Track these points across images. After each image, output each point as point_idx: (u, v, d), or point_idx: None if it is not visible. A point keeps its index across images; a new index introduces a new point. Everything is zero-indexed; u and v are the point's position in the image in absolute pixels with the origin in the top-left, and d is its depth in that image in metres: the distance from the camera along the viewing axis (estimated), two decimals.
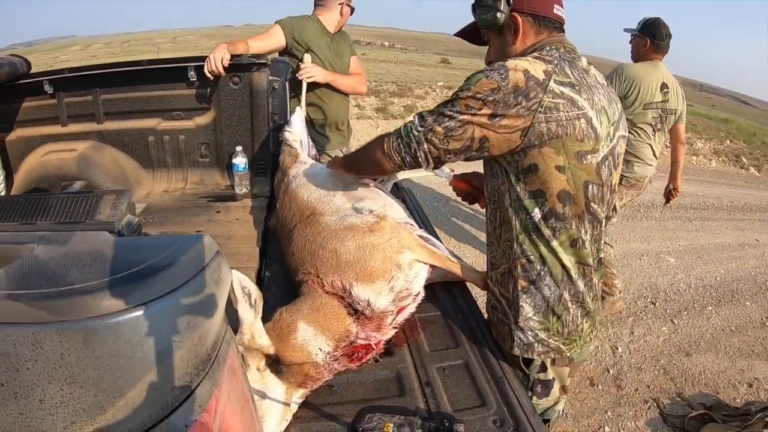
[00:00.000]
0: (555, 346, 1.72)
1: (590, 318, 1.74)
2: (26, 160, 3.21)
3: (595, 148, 1.52)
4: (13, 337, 0.66)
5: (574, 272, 1.65)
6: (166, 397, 0.76)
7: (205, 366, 0.82)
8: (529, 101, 1.44)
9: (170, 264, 0.77)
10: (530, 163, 1.52)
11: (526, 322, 1.69)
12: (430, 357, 1.75)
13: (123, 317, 0.69)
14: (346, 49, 3.70)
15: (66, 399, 0.69)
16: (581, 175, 1.54)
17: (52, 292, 0.70)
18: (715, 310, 4.84)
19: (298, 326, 1.60)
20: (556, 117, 1.46)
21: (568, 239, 1.61)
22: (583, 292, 1.68)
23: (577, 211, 1.58)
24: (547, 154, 1.49)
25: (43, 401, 0.68)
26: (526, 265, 1.66)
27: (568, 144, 1.48)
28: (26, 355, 0.66)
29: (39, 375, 0.67)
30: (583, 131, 1.49)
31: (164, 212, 2.87)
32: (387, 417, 1.45)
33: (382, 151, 1.68)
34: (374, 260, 1.75)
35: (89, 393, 0.69)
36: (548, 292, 1.66)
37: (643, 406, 3.50)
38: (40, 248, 0.84)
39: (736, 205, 8.37)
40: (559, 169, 1.51)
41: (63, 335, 0.67)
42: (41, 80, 3.06)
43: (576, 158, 1.51)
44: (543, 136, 1.47)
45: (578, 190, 1.55)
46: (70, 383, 0.68)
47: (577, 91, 1.50)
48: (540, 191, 1.55)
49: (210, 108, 3.26)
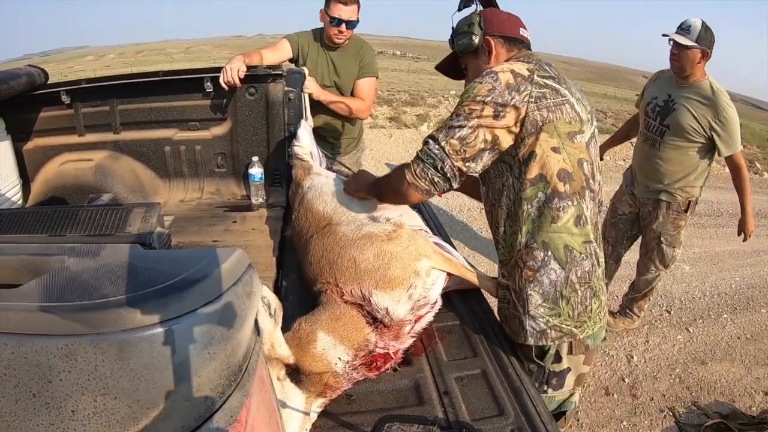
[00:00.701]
0: (567, 330, 1.77)
1: (597, 298, 1.80)
2: (43, 169, 3.25)
3: (581, 129, 1.71)
4: (45, 349, 0.67)
5: (578, 252, 1.73)
6: (198, 408, 0.77)
7: (236, 377, 0.83)
8: (521, 94, 1.62)
9: (204, 277, 0.77)
10: (529, 152, 1.66)
11: (537, 309, 1.75)
12: (448, 366, 1.76)
13: (158, 330, 0.70)
14: (352, 67, 3.51)
15: (99, 410, 0.70)
16: (575, 153, 1.69)
17: (86, 304, 0.71)
18: (730, 317, 4.79)
19: (317, 336, 1.62)
20: (545, 104, 1.64)
21: (572, 217, 1.71)
22: (589, 272, 1.76)
23: (577, 187, 1.70)
24: (543, 138, 1.64)
25: (75, 412, 0.69)
26: (529, 254, 1.74)
27: (559, 126, 1.65)
28: (59, 367, 0.67)
29: (72, 386, 0.68)
30: (569, 114, 1.67)
31: (181, 222, 2.88)
32: (406, 426, 1.45)
33: (406, 182, 1.74)
34: (393, 268, 1.76)
35: (123, 404, 0.70)
36: (554, 276, 1.72)
37: (659, 416, 3.47)
38: (71, 260, 0.85)
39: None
40: (555, 150, 1.66)
41: (97, 347, 0.68)
42: (58, 90, 3.09)
43: (568, 138, 1.67)
44: (537, 124, 1.63)
45: (575, 167, 1.69)
46: (103, 394, 0.69)
47: (557, 82, 1.70)
48: (540, 175, 1.68)
49: (226, 118, 3.28)
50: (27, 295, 0.74)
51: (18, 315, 0.69)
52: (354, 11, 3.27)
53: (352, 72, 3.51)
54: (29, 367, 0.67)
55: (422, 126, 11.22)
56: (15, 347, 0.67)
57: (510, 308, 1.85)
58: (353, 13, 3.27)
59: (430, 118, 12.21)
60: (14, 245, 0.95)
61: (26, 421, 0.69)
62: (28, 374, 0.67)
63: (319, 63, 3.45)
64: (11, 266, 0.88)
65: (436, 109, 13.13)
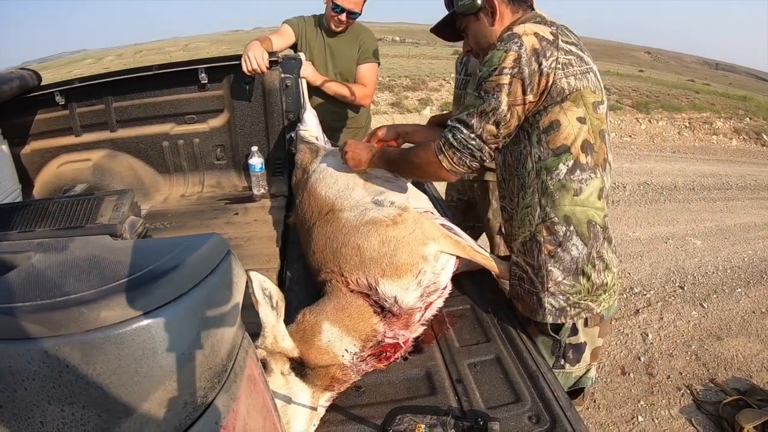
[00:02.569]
0: (585, 306, 1.72)
1: (610, 270, 1.76)
2: (42, 172, 3.22)
3: (603, 99, 1.65)
4: (7, 354, 0.62)
5: (600, 226, 1.70)
6: (178, 415, 0.71)
7: (220, 378, 0.77)
8: (548, 60, 1.53)
9: (175, 267, 0.71)
10: (552, 120, 1.59)
11: (557, 286, 1.70)
12: (461, 353, 1.70)
13: (124, 329, 0.64)
14: (351, 52, 3.43)
15: (68, 421, 0.64)
16: (598, 124, 1.63)
17: (45, 304, 0.65)
18: (744, 291, 4.75)
19: (322, 327, 1.56)
20: (572, 71, 1.56)
21: (596, 190, 1.66)
22: (605, 246, 1.72)
23: (599, 159, 1.65)
24: (568, 108, 1.58)
25: (44, 423, 0.64)
26: (550, 228, 1.68)
27: (586, 95, 1.59)
28: (23, 374, 0.62)
29: (38, 395, 0.63)
30: (594, 83, 1.61)
31: (182, 216, 2.85)
32: (418, 417, 1.40)
33: (444, 170, 1.68)
34: (400, 255, 1.70)
35: (92, 414, 0.65)
36: (576, 252, 1.68)
37: (677, 394, 3.43)
38: (37, 257, 0.79)
39: (759, 184, 8.25)
40: (580, 120, 1.59)
41: (59, 351, 0.62)
42: (52, 92, 3.05)
43: (593, 108, 1.61)
44: (564, 92, 1.56)
45: (596, 138, 1.63)
46: (71, 403, 0.64)
47: (580, 49, 1.62)
48: (564, 146, 1.61)
49: (223, 110, 3.24)
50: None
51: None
52: (358, 3, 3.20)
53: (351, 57, 3.43)
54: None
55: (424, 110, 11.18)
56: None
57: (525, 285, 1.78)
58: (356, 5, 3.21)
59: (432, 102, 12.16)
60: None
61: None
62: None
63: (317, 49, 3.38)
64: None
65: (437, 93, 13.09)
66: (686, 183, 7.81)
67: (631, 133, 10.69)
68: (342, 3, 3.14)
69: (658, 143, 11.11)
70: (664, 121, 12.44)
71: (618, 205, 6.84)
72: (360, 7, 3.24)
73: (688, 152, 5.05)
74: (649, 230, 5.94)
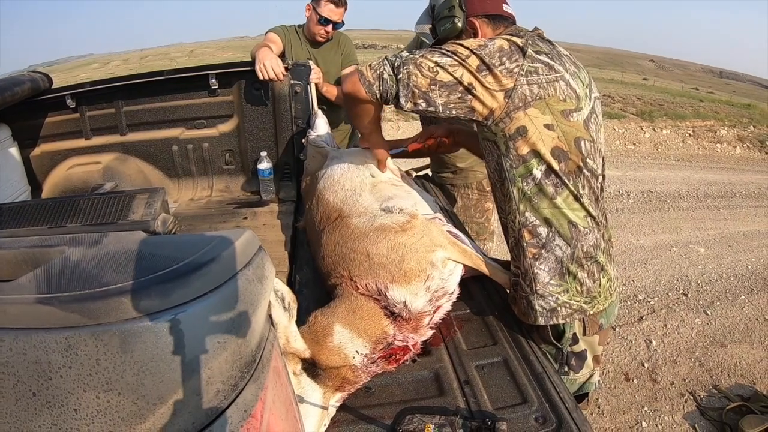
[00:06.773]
0: (578, 307, 1.74)
1: (606, 273, 1.78)
2: (51, 174, 3.25)
3: (578, 107, 1.64)
4: (44, 344, 0.63)
5: (582, 226, 1.70)
6: (210, 403, 0.73)
7: (249, 368, 0.79)
8: (512, 63, 1.56)
9: (211, 260, 0.73)
10: (518, 126, 1.60)
11: (545, 288, 1.73)
12: (468, 355, 1.72)
13: (162, 319, 0.66)
14: (335, 58, 3.63)
15: (103, 407, 0.66)
16: (571, 132, 1.63)
17: (85, 294, 0.67)
18: (748, 299, 4.75)
19: (333, 329, 1.58)
20: (536, 80, 1.57)
21: (570, 195, 1.67)
22: (595, 246, 1.73)
23: (573, 167, 1.65)
24: (533, 114, 1.59)
25: (78, 410, 0.66)
26: (532, 232, 1.71)
27: (552, 104, 1.59)
28: (59, 362, 0.64)
29: (73, 383, 0.64)
30: (563, 92, 1.61)
31: (191, 220, 2.86)
32: (427, 418, 1.42)
33: (358, 73, 1.66)
34: (409, 261, 1.72)
35: (128, 400, 0.67)
36: (560, 252, 1.70)
37: (680, 400, 3.44)
38: (71, 250, 0.81)
39: (763, 192, 8.22)
40: (548, 127, 1.60)
41: (98, 339, 0.64)
42: (63, 95, 3.08)
43: (563, 116, 1.61)
44: (526, 98, 1.57)
45: (570, 146, 1.64)
46: (106, 390, 0.65)
47: (551, 58, 1.63)
48: (534, 152, 1.63)
49: (233, 115, 3.27)
50: (24, 287, 0.71)
51: (15, 308, 0.66)
52: (342, 14, 3.41)
53: (336, 63, 3.62)
54: (28, 364, 0.63)
55: None
56: (12, 343, 0.63)
57: (518, 289, 1.81)
58: (341, 16, 3.41)
59: None
60: (12, 239, 0.91)
61: (27, 422, 0.65)
62: (27, 372, 0.64)
63: (302, 58, 3.46)
64: (10, 260, 0.85)
65: None
66: (690, 191, 7.81)
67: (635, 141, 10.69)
68: (329, 16, 3.34)
69: (662, 151, 11.11)
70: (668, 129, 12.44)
71: (622, 213, 6.84)
72: (343, 17, 3.44)
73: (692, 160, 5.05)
74: (653, 238, 5.94)
